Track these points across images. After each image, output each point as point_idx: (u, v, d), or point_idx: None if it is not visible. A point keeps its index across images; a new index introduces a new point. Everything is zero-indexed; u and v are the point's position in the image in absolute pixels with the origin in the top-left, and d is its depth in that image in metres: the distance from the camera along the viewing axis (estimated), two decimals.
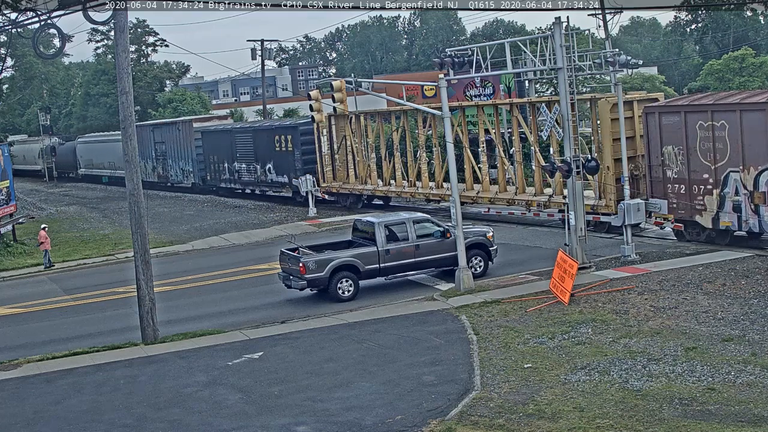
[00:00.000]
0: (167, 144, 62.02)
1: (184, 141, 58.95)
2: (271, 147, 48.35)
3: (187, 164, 58.93)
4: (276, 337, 21.77)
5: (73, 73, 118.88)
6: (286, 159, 47.00)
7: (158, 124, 65.88)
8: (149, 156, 65.04)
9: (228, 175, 53.87)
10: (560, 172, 25.62)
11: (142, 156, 62.71)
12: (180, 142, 59.74)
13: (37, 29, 24.99)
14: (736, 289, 21.57)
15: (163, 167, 63.37)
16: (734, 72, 68.36)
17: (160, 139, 63.31)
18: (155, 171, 64.66)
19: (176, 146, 60.49)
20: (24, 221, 46.96)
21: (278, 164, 47.99)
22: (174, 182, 62.36)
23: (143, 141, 63.37)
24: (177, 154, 60.51)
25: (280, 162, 47.80)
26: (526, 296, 23.19)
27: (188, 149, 58.51)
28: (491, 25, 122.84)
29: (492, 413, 15.26)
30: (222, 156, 54.15)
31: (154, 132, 64.62)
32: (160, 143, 63.34)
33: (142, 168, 63.16)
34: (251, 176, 51.10)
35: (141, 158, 62.47)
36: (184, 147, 59.24)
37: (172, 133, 61.23)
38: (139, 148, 64.34)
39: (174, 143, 60.78)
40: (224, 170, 54.08)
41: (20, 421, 17.37)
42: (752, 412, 14.28)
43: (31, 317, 27.44)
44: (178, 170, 60.65)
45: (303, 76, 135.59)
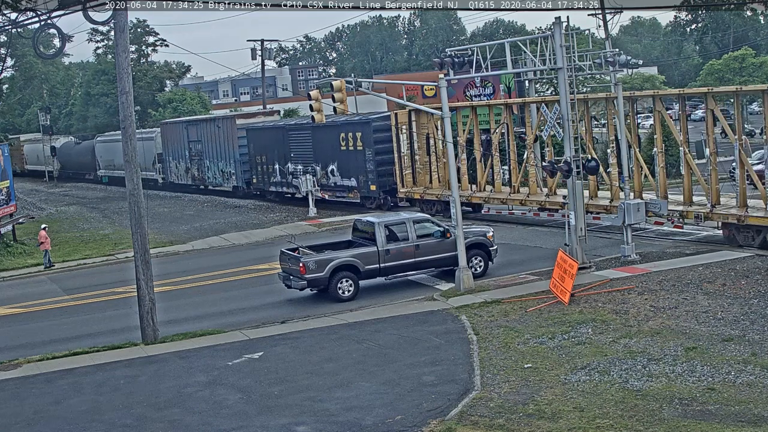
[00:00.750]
0: (204, 143, 56.44)
1: (226, 139, 53.60)
2: (335, 146, 43.27)
3: (229, 165, 53.71)
4: (276, 337, 21.77)
5: (73, 73, 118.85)
6: (354, 160, 42.01)
7: (194, 120, 60.87)
8: (182, 156, 60.00)
9: (279, 178, 48.49)
10: (560, 172, 25.62)
11: (173, 156, 61.02)
12: (220, 141, 54.33)
13: (37, 29, 24.99)
14: (736, 289, 21.56)
15: (198, 168, 57.89)
16: (734, 72, 68.37)
17: (196, 138, 57.72)
18: (189, 173, 59.42)
19: (215, 145, 55.03)
20: (24, 221, 46.97)
21: (344, 166, 42.93)
22: (212, 185, 57.32)
23: (175, 139, 60.53)
24: (216, 154, 55.14)
25: (346, 163, 42.73)
26: (526, 296, 23.19)
27: (230, 149, 53.28)
28: (491, 25, 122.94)
29: (492, 413, 15.26)
30: (272, 156, 48.87)
31: (188, 129, 59.06)
32: (196, 142, 57.69)
33: (174, 169, 61.11)
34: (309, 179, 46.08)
35: (172, 158, 61.09)
36: (225, 146, 53.91)
37: (210, 130, 55.66)
38: (170, 147, 59.72)
39: (213, 142, 55.28)
40: (274, 172, 48.76)
41: (20, 421, 17.37)
42: (752, 412, 14.27)
43: (31, 317, 27.44)
44: (216, 172, 55.26)
45: (303, 76, 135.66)
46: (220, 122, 55.36)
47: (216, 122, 55.96)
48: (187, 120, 62.34)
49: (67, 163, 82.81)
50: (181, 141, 59.50)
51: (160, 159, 63.62)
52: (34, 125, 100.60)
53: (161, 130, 63.92)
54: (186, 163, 59.46)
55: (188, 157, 58.98)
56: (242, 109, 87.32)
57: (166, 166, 63.04)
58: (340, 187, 43.52)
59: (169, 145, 61.74)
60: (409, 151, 39.47)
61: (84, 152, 77.93)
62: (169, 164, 62.35)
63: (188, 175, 59.39)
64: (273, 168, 48.86)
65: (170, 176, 62.38)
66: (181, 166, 60.02)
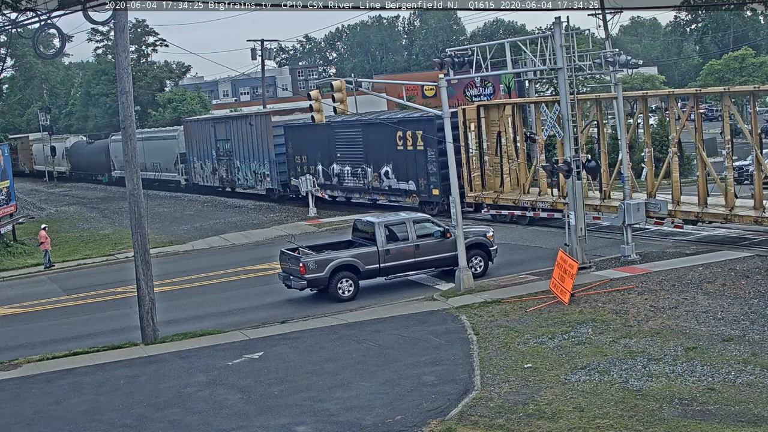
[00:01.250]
0: (234, 141, 52.04)
1: (259, 138, 49.08)
2: (390, 145, 39.35)
3: (263, 166, 49.24)
4: (276, 337, 21.77)
5: (73, 73, 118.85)
6: (413, 161, 38.12)
7: (222, 118, 57.10)
8: (208, 156, 55.63)
9: (322, 180, 44.59)
10: (560, 172, 25.61)
11: (198, 156, 57.00)
12: (253, 140, 49.82)
13: (37, 29, 24.96)
14: (736, 289, 21.56)
15: (227, 169, 53.43)
16: (734, 72, 68.41)
17: (224, 136, 53.32)
18: (216, 174, 55.05)
19: (247, 144, 50.62)
20: (24, 221, 46.96)
21: (401, 167, 39.01)
22: (242, 187, 53.06)
23: (201, 138, 56.41)
24: (248, 153, 50.68)
25: (403, 164, 38.81)
26: (526, 296, 23.19)
27: (265, 148, 48.78)
28: (491, 25, 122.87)
29: (492, 413, 15.26)
30: (313, 156, 44.92)
31: (215, 127, 54.54)
32: (224, 140, 53.34)
33: (198, 170, 56.98)
34: (358, 182, 42.10)
35: (197, 158, 56.87)
36: (258, 145, 49.36)
37: (241, 128, 51.01)
38: (194, 146, 56.35)
39: (244, 141, 50.89)
40: (316, 174, 44.86)
41: (20, 421, 17.37)
42: (752, 412, 14.27)
43: (31, 317, 27.44)
44: (248, 173, 50.57)
45: (303, 76, 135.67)
46: (254, 119, 50.49)
47: (249, 119, 51.04)
48: (215, 117, 59.05)
49: (79, 164, 79.28)
50: (208, 140, 55.27)
51: (182, 159, 59.60)
52: (34, 125, 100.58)
53: (184, 128, 59.74)
54: (213, 164, 55.21)
55: (215, 157, 54.64)
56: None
57: (189, 167, 58.74)
58: (396, 190, 39.64)
59: (193, 144, 57.75)
60: (478, 151, 35.37)
61: (97, 152, 74.00)
62: (193, 165, 58.11)
63: (215, 177, 55.13)
64: (315, 169, 44.95)
65: (194, 177, 58.32)
66: (207, 167, 55.86)
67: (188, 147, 58.44)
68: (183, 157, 59.58)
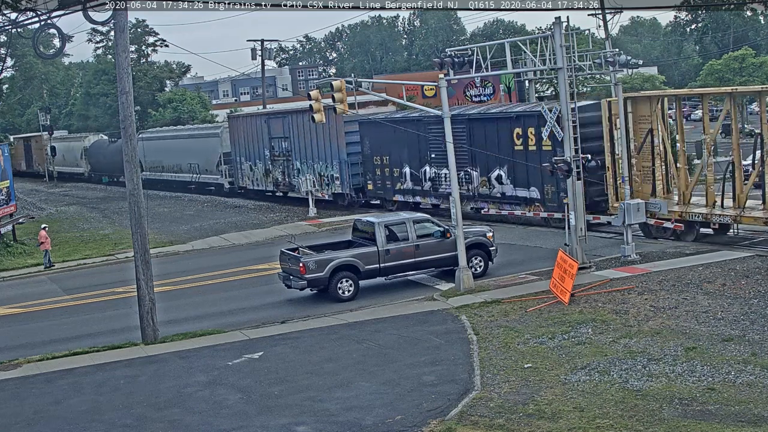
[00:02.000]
0: (294, 139, 46.34)
1: (327, 135, 43.10)
2: (505, 144, 33.19)
3: (330, 167, 43.52)
4: (276, 337, 21.77)
5: (73, 73, 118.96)
6: (537, 163, 31.24)
7: (279, 113, 50.70)
8: (259, 156, 49.61)
9: (410, 185, 38.71)
10: (560, 171, 25.60)
11: (247, 156, 51.14)
12: (318, 138, 43.96)
13: (37, 29, 24.97)
14: (736, 289, 21.56)
15: (284, 172, 47.51)
16: (734, 72, 68.39)
17: (281, 133, 47.58)
18: (269, 176, 49.11)
19: (310, 143, 44.73)
20: (24, 221, 46.95)
21: (519, 170, 32.75)
22: (302, 192, 45.99)
23: (250, 136, 50.44)
24: (311, 153, 44.88)
25: (522, 167, 32.51)
26: (526, 296, 23.19)
27: (333, 147, 42.86)
28: (491, 25, 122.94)
29: (492, 413, 15.26)
30: (399, 157, 38.96)
31: (270, 123, 48.36)
32: (281, 138, 47.67)
33: (247, 172, 51.30)
34: (461, 187, 33.04)
35: (246, 159, 51.14)
36: (325, 144, 43.50)
37: (303, 124, 44.38)
38: (241, 145, 52.29)
39: (307, 139, 45.14)
40: (402, 177, 39.10)
41: (20, 421, 17.37)
42: (752, 412, 14.27)
43: (31, 317, 27.44)
44: (311, 176, 44.69)
45: (303, 76, 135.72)
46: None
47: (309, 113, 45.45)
48: (271, 112, 53.03)
49: (99, 165, 73.21)
50: (259, 138, 49.29)
51: (226, 159, 53.92)
52: (34, 125, 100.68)
53: (230, 125, 54.10)
54: (265, 165, 49.25)
55: (269, 157, 48.75)
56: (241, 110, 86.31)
57: (235, 169, 52.90)
58: (512, 198, 33.30)
59: (240, 143, 51.95)
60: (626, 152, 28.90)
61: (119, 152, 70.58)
62: (240, 166, 52.11)
63: (268, 180, 49.32)
64: (401, 172, 39.05)
65: (241, 180, 52.50)
66: (258, 169, 49.92)
67: (234, 146, 52.76)
68: (227, 158, 53.85)
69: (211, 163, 55.71)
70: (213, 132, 56.18)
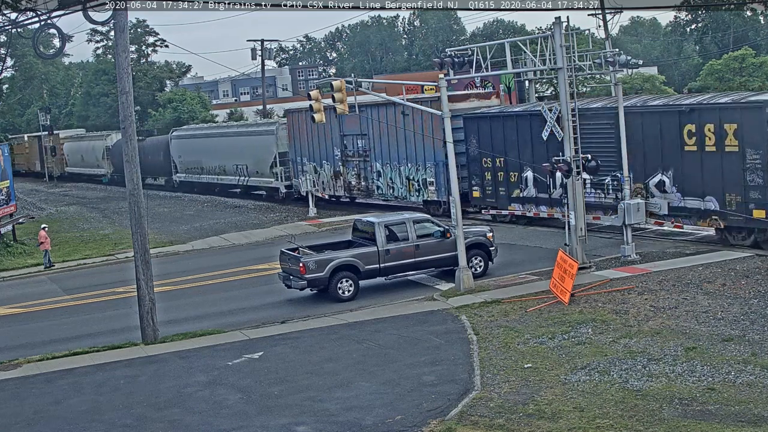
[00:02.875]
0: (373, 137, 40.41)
1: (419, 133, 37.52)
2: (671, 144, 27.56)
3: (422, 170, 37.76)
4: (276, 337, 21.77)
5: (73, 73, 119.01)
6: (714, 167, 26.29)
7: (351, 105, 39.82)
8: (327, 156, 44.09)
9: (534, 192, 32.50)
10: (560, 171, 25.61)
11: (311, 157, 45.53)
12: (406, 135, 38.18)
13: (37, 29, 24.98)
14: (736, 289, 21.56)
15: (361, 174, 41.79)
16: (734, 72, 68.39)
17: (356, 130, 41.40)
18: (341, 179, 43.45)
19: (396, 141, 39.05)
20: (24, 221, 46.97)
21: (690, 176, 27.15)
22: (384, 198, 41.03)
23: (316, 132, 44.20)
24: (397, 153, 39.16)
25: (695, 172, 26.94)
26: (526, 296, 23.19)
27: (427, 146, 37.10)
28: (491, 25, 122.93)
29: (492, 413, 15.26)
30: (518, 159, 32.77)
31: (342, 118, 40.11)
32: (355, 136, 41.76)
33: (310, 174, 45.30)
34: (605, 196, 29.80)
35: (309, 160, 45.72)
36: (416, 143, 37.75)
37: (386, 119, 38.74)
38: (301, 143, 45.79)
39: (391, 136, 39.28)
40: (522, 184, 33.04)
41: (20, 421, 17.37)
42: (752, 412, 14.28)
43: (31, 317, 27.44)
44: (397, 180, 39.25)
45: (303, 76, 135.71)
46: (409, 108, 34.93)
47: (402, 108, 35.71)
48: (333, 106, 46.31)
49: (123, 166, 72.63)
50: (327, 135, 43.69)
51: (282, 160, 48.10)
52: (34, 125, 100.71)
53: (288, 120, 48.06)
54: (334, 167, 43.65)
55: (340, 157, 43.06)
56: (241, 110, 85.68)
57: (294, 170, 47.24)
58: (679, 210, 27.72)
59: (301, 141, 46.33)
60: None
61: (151, 151, 63.14)
62: (300, 167, 46.31)
63: (337, 183, 43.68)
64: (519, 176, 33.01)
65: (302, 184, 45.82)
66: (325, 171, 44.31)
67: (293, 144, 47.13)
68: (283, 158, 48.06)
69: (263, 164, 49.54)
70: (267, 129, 49.80)
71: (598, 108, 29.92)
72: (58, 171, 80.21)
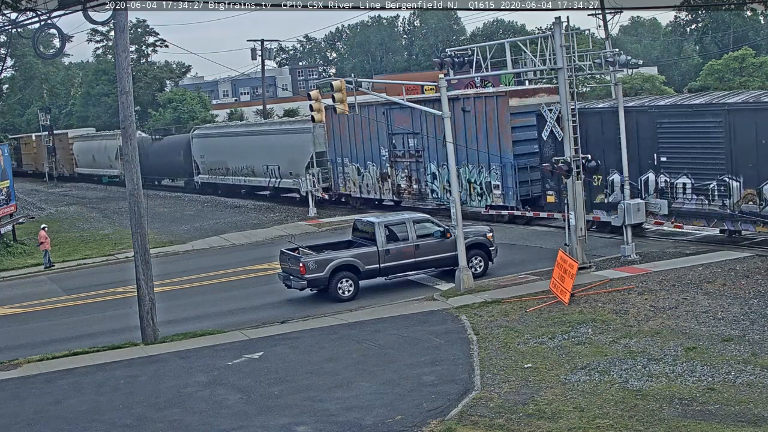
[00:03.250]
0: (428, 135, 37.12)
1: (483, 131, 33.66)
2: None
3: (485, 173, 34.13)
4: (276, 337, 21.77)
5: (73, 73, 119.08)
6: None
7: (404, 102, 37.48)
8: (372, 157, 40.52)
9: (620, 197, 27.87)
10: (560, 172, 25.62)
11: (353, 157, 41.99)
12: (467, 134, 34.43)
13: (37, 29, 25.00)
14: (736, 289, 21.56)
15: (410, 177, 38.45)
16: (734, 72, 68.41)
17: (408, 128, 38.21)
18: (388, 182, 39.76)
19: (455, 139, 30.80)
20: (24, 221, 46.96)
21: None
22: (440, 203, 37.26)
23: (359, 130, 40.68)
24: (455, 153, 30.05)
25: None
26: (526, 296, 23.19)
27: (492, 146, 33.32)
28: (491, 25, 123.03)
29: (492, 413, 15.26)
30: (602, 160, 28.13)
31: (390, 115, 38.68)
32: (406, 134, 38.49)
33: (351, 176, 42.27)
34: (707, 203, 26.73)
35: (352, 160, 42.20)
36: (479, 142, 33.93)
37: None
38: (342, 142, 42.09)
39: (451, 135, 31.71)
40: (607, 188, 29.62)
41: (20, 421, 17.37)
42: (752, 412, 14.27)
43: (31, 317, 27.44)
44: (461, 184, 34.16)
45: (303, 76, 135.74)
46: (472, 102, 34.28)
47: (462, 104, 34.47)
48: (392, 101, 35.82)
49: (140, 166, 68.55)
50: (373, 133, 40.11)
51: (319, 161, 44.60)
52: (34, 125, 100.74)
53: (326, 117, 41.26)
54: (380, 168, 40.18)
55: (387, 158, 39.63)
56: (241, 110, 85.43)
57: (333, 172, 43.80)
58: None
59: (341, 140, 42.98)
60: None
61: (170, 151, 60.07)
62: (341, 169, 43.07)
63: (384, 187, 40.08)
64: (605, 180, 29.61)
65: (342, 186, 43.33)
66: (371, 173, 40.85)
67: (332, 144, 43.83)
68: (321, 158, 44.66)
69: (297, 164, 45.80)
70: (303, 127, 45.29)
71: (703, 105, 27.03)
72: (67, 171, 78.04)
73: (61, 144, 79.96)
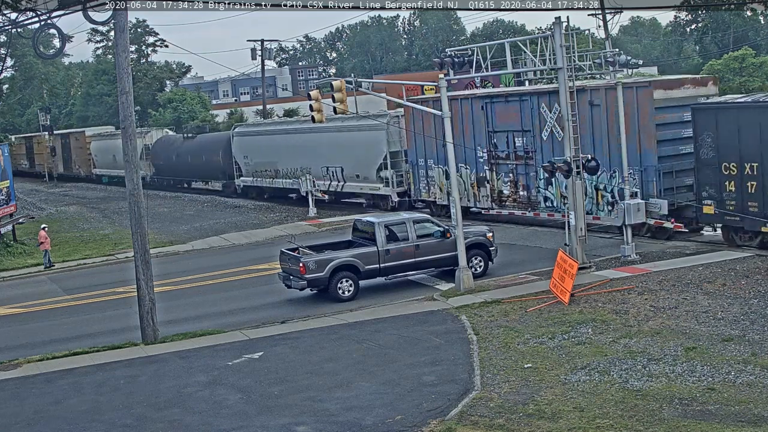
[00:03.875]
0: (533, 134, 32.21)
1: (615, 129, 28.26)
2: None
3: (618, 178, 28.70)
4: (276, 337, 21.77)
5: (73, 73, 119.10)
6: None
7: (508, 94, 33.69)
8: (467, 158, 34.92)
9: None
10: (560, 171, 25.60)
11: (439, 159, 36.33)
12: (594, 132, 29.63)
13: (37, 29, 25.00)
14: (736, 289, 21.56)
15: (515, 182, 33.39)
16: (734, 72, 68.40)
17: (514, 125, 32.93)
18: (487, 187, 34.63)
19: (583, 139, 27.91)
20: (24, 221, 46.95)
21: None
22: (555, 211, 31.95)
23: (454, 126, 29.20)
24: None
25: None
26: (526, 296, 23.19)
27: (630, 147, 27.62)
28: (491, 25, 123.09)
29: (492, 413, 15.26)
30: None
31: (492, 108, 33.69)
32: (512, 132, 33.16)
33: (436, 179, 37.10)
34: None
35: (437, 162, 36.82)
36: (611, 142, 29.00)
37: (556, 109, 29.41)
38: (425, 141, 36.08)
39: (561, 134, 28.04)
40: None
41: (20, 421, 17.37)
42: (752, 412, 14.27)
43: (31, 317, 27.44)
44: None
45: (303, 76, 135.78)
46: (602, 94, 29.00)
47: (588, 96, 29.09)
48: (491, 93, 34.69)
49: (167, 168, 59.76)
50: (466, 131, 34.93)
51: (394, 162, 39.77)
52: (34, 125, 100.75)
53: (406, 112, 39.07)
54: (477, 171, 35.06)
55: (486, 159, 34.52)
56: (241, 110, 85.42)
57: (414, 175, 38.63)
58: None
59: (424, 139, 37.32)
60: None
61: (205, 151, 55.46)
62: (425, 172, 37.82)
63: (483, 193, 34.93)
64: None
65: (424, 192, 38.33)
66: (465, 177, 35.33)
67: (413, 143, 38.66)
68: (395, 159, 39.89)
69: (366, 166, 40.72)
70: (375, 123, 39.26)
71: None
72: (84, 173, 74.51)
73: (77, 143, 75.83)
